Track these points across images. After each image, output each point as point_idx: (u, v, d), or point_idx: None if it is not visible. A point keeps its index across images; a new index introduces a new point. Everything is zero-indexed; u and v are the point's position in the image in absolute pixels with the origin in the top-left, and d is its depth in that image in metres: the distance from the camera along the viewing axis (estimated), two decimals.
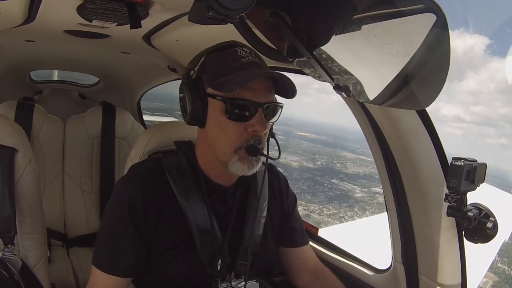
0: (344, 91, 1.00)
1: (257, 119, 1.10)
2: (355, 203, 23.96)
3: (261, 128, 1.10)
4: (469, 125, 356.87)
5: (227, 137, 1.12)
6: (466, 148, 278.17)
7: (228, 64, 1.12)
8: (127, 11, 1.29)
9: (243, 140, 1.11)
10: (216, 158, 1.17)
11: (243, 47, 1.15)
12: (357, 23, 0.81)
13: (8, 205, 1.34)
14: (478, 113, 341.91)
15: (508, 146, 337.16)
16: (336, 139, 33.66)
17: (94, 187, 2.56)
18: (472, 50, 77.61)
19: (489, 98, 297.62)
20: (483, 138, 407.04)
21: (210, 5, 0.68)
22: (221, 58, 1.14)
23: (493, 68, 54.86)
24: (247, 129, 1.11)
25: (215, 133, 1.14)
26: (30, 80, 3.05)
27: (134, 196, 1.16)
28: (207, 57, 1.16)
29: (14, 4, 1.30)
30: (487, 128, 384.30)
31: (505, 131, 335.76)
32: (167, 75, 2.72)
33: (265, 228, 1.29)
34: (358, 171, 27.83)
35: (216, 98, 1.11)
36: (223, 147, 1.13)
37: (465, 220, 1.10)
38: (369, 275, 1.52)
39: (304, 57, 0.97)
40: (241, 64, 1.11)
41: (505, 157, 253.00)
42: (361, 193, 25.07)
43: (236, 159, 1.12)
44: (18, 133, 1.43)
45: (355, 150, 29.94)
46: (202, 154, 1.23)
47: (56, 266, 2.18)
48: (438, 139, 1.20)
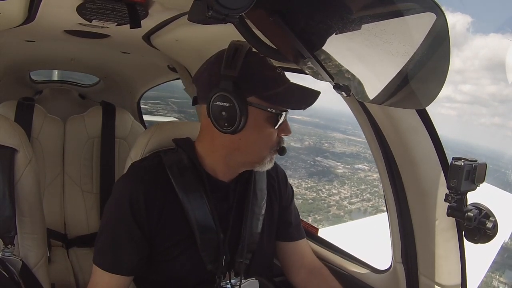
0: (344, 91, 1.00)
1: (286, 123, 1.20)
2: (335, 178, 24.80)
3: (289, 131, 1.22)
4: (461, 105, 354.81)
5: (267, 143, 1.18)
6: (463, 129, 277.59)
7: (268, 74, 1.15)
8: (127, 11, 1.29)
9: (277, 143, 1.20)
10: (243, 161, 1.22)
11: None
12: (357, 22, 0.81)
13: (8, 205, 1.33)
14: (467, 92, 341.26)
15: (502, 125, 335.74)
16: (328, 121, 34.01)
17: (94, 187, 2.56)
18: (454, 28, 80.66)
19: (476, 75, 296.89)
20: (477, 118, 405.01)
21: (209, 5, 0.68)
22: (261, 64, 1.16)
23: (476, 45, 55.09)
24: (279, 133, 1.20)
25: (253, 139, 1.16)
26: (30, 80, 3.05)
27: (135, 194, 1.16)
28: (249, 60, 1.11)
29: (14, 4, 1.30)
30: (479, 107, 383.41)
31: (497, 110, 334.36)
32: (167, 75, 2.72)
33: (264, 226, 1.30)
34: (345, 150, 28.46)
35: (262, 108, 1.13)
36: (261, 151, 1.19)
37: (465, 220, 1.10)
38: (369, 275, 1.52)
39: (304, 57, 0.97)
40: (279, 76, 1.17)
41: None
42: (343, 169, 25.84)
43: (268, 160, 1.20)
44: (18, 133, 1.43)
45: (346, 131, 30.42)
46: (206, 152, 1.23)
47: (56, 266, 2.18)
48: (438, 138, 1.20)
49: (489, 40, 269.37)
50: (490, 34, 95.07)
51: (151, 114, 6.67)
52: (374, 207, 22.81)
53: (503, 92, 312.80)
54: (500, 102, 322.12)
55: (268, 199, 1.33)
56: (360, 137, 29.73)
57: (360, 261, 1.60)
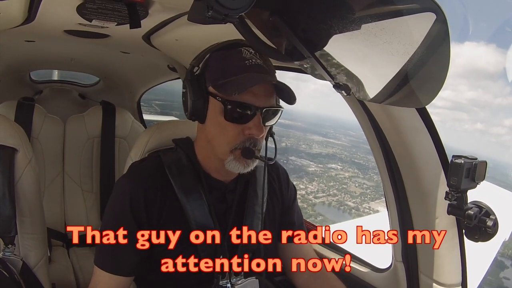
0: (344, 90, 1.00)
1: (255, 122, 1.11)
2: (305, 175, 25.88)
3: (257, 132, 1.12)
4: (443, 111, 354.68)
5: (224, 137, 1.13)
6: (448, 135, 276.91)
7: (231, 65, 1.12)
8: (127, 10, 1.29)
9: (239, 142, 1.13)
10: (214, 155, 1.19)
11: (249, 48, 1.15)
12: (357, 22, 0.81)
13: (8, 205, 1.33)
14: (446, 98, 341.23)
15: (485, 131, 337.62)
16: (310, 125, 34.77)
17: (94, 186, 2.56)
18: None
19: (454, 82, 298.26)
20: (460, 124, 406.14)
21: (209, 5, 0.68)
22: (225, 57, 1.14)
23: (451, 53, 56.20)
24: (244, 131, 1.12)
25: (214, 131, 1.15)
26: (30, 80, 3.05)
27: (135, 194, 1.16)
28: (212, 55, 1.16)
29: (14, 4, 1.30)
30: (460, 113, 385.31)
31: (478, 116, 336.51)
32: (167, 75, 2.72)
33: (264, 225, 1.29)
34: (321, 151, 29.77)
35: (216, 98, 1.11)
36: (220, 145, 1.15)
37: (466, 218, 1.10)
38: (369, 274, 1.52)
39: (304, 56, 0.97)
40: (244, 67, 1.11)
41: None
42: (314, 168, 27.08)
43: (231, 158, 1.14)
44: (18, 133, 1.43)
45: (327, 135, 31.79)
46: (201, 149, 1.24)
47: (57, 266, 2.18)
48: (438, 137, 1.20)
49: (465, 48, 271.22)
50: (465, 43, 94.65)
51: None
52: (339, 201, 24.49)
53: (481, 98, 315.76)
54: (480, 108, 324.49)
55: (268, 198, 1.33)
56: (339, 140, 30.87)
57: (360, 260, 1.60)
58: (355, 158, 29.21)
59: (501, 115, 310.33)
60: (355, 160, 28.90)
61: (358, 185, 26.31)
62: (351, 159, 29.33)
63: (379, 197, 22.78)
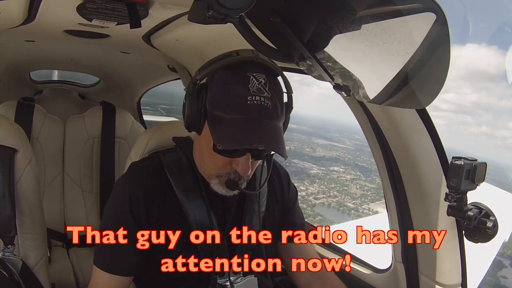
0: (344, 91, 1.00)
1: (242, 162, 1.09)
2: (306, 177, 26.17)
3: (243, 172, 1.10)
4: (447, 114, 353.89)
5: (213, 162, 1.13)
6: (454, 139, 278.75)
7: (232, 96, 1.05)
8: (127, 10, 1.29)
9: (225, 172, 1.13)
10: (204, 167, 1.19)
11: (258, 74, 1.06)
12: (357, 22, 0.81)
13: (8, 206, 1.33)
14: (450, 101, 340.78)
15: (491, 134, 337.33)
16: (315, 129, 34.85)
17: (94, 187, 2.56)
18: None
19: (456, 84, 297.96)
20: (465, 127, 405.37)
21: (210, 5, 0.68)
22: (229, 83, 1.06)
23: (452, 55, 56.03)
24: (231, 164, 1.11)
25: (205, 150, 1.15)
26: (30, 80, 3.05)
27: (135, 194, 1.16)
28: (218, 72, 1.09)
29: (14, 4, 1.31)
30: (465, 116, 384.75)
31: (482, 119, 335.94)
32: (167, 75, 2.72)
33: (264, 225, 1.29)
34: (325, 154, 29.92)
35: (210, 127, 1.08)
36: (208, 167, 1.16)
37: (465, 220, 1.10)
38: (369, 275, 1.52)
39: (304, 57, 0.97)
40: (244, 106, 1.03)
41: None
42: (317, 170, 27.34)
43: (217, 181, 1.15)
44: (18, 133, 1.43)
45: (332, 138, 32.01)
46: (196, 156, 1.23)
47: (56, 266, 2.18)
48: (438, 138, 1.20)
49: (466, 50, 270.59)
50: (467, 45, 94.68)
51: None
52: (339, 203, 24.75)
53: (485, 101, 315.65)
54: (484, 110, 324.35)
55: (268, 198, 1.33)
56: (344, 144, 31.12)
57: (360, 260, 1.60)
58: (358, 161, 29.27)
59: (505, 117, 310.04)
60: (358, 163, 28.97)
61: (359, 187, 26.40)
62: (354, 162, 29.41)
63: (379, 199, 22.89)
